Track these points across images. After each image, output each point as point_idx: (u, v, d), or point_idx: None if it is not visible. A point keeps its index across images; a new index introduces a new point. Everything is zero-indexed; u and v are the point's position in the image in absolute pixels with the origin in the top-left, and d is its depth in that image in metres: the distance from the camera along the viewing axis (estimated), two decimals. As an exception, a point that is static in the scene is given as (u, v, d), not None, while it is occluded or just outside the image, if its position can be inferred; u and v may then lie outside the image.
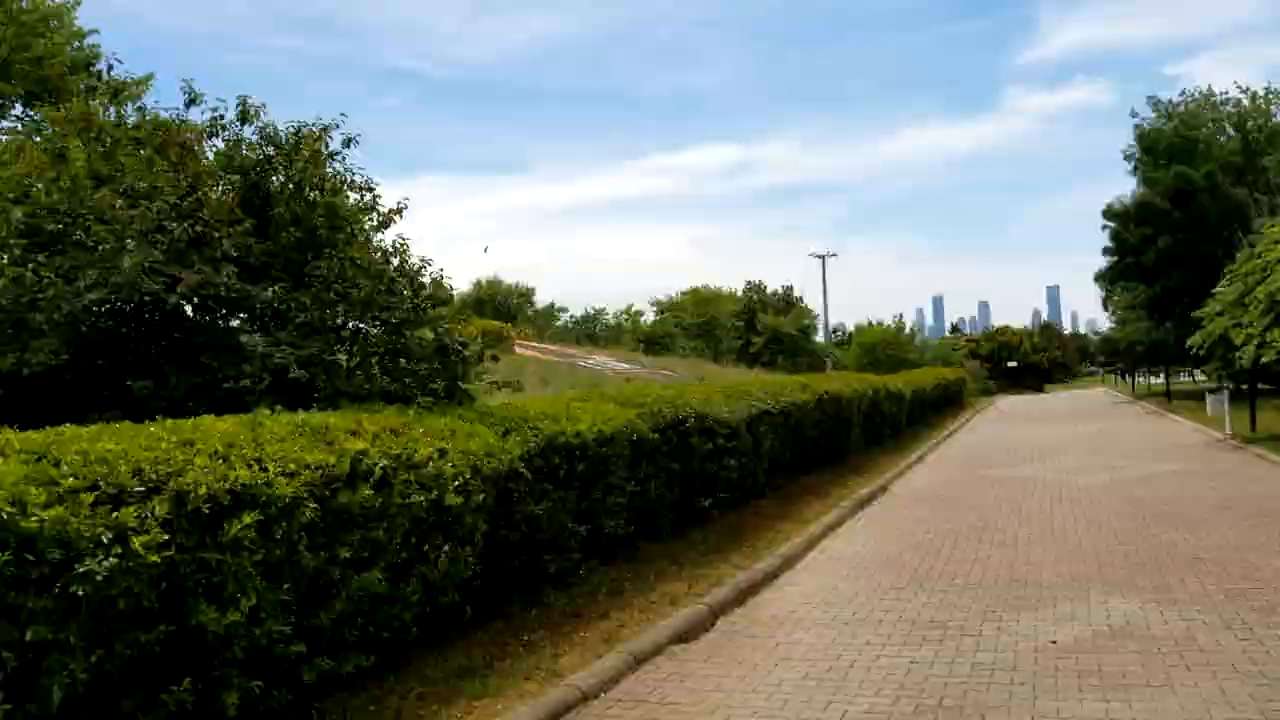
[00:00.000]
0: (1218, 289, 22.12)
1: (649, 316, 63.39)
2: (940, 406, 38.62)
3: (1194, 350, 21.24)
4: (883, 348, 52.43)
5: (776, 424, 14.63)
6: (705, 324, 57.26)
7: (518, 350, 36.03)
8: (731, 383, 17.31)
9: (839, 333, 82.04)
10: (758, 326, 59.20)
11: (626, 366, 38.42)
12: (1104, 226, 39.18)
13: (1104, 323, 71.28)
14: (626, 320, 61.63)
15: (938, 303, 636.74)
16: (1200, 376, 68.88)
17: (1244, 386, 20.57)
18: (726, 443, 12.18)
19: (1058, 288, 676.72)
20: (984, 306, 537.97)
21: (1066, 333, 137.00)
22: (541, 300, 70.71)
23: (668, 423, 10.48)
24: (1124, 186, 39.54)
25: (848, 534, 12.16)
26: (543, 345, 43.21)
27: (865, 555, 10.62)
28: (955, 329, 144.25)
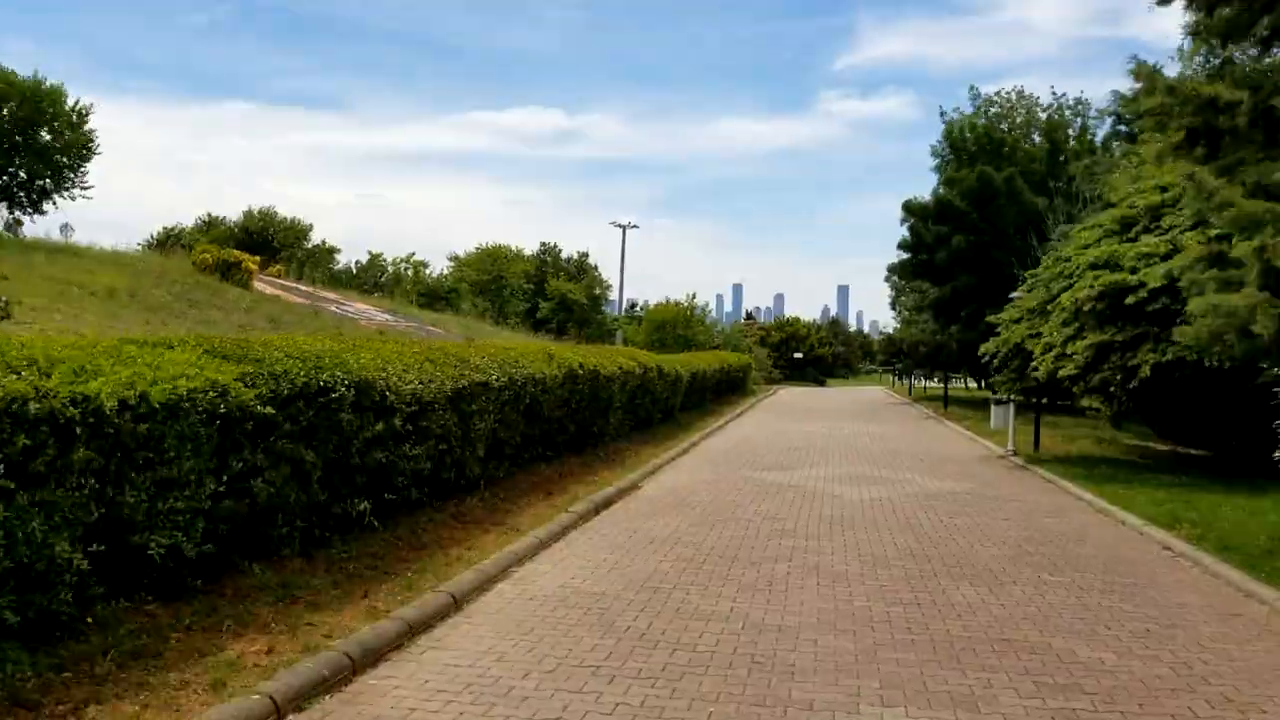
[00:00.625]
0: (1016, 294, 20.66)
1: (437, 270, 59.14)
2: (722, 392, 36.78)
3: (986, 358, 19.64)
4: (672, 326, 50.45)
5: (503, 401, 11.50)
6: (491, 283, 53.54)
7: (256, 285, 31.37)
8: (470, 347, 14.04)
9: (637, 308, 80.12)
10: (547, 291, 55.97)
11: (388, 318, 34.41)
12: (903, 220, 38.38)
13: (889, 324, 72.51)
14: (408, 270, 56.99)
15: (738, 290, 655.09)
16: (973, 384, 71.16)
17: (1033, 399, 19.17)
18: (409, 424, 8.91)
19: (848, 287, 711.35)
20: (780, 298, 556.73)
21: (852, 330, 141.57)
22: (343, 245, 64.82)
23: (296, 391, 7.09)
24: (924, 193, 38.71)
25: (560, 555, 9.16)
26: (294, 284, 38.38)
27: (568, 595, 7.63)
28: (750, 316, 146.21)
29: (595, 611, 7.18)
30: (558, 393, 13.75)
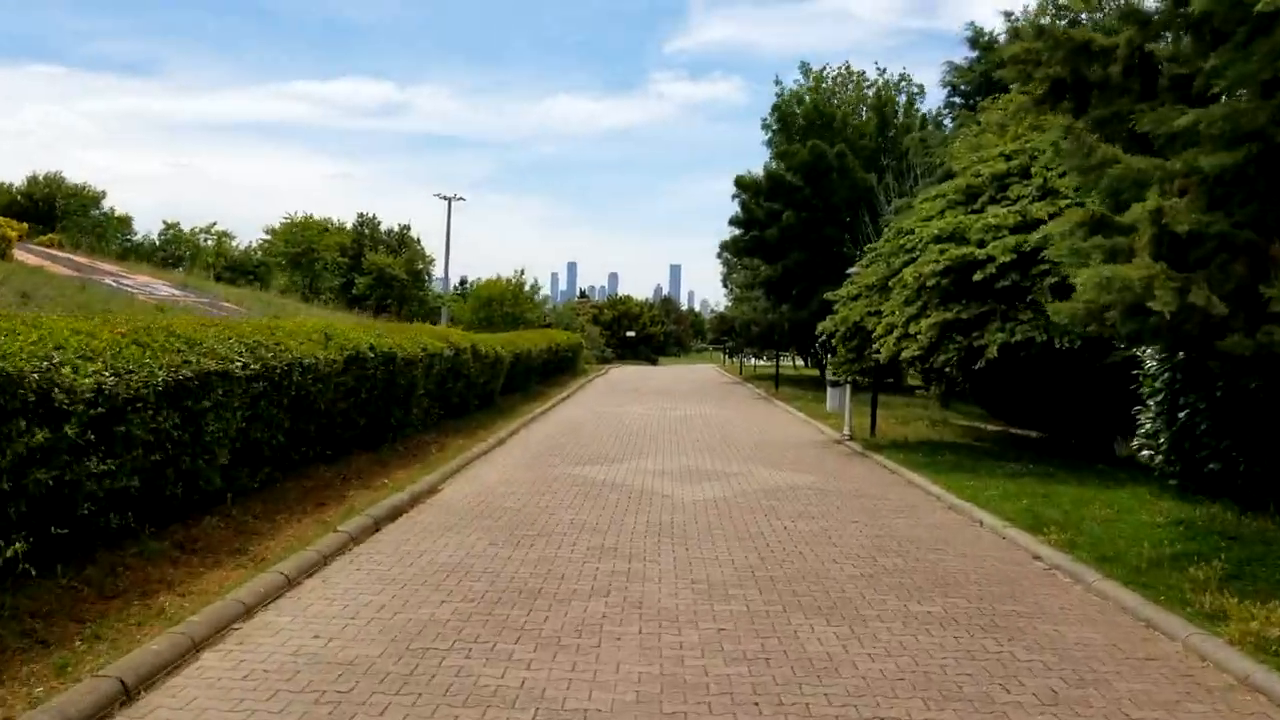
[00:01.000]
0: (854, 269, 19.53)
1: (244, 241, 54.37)
2: (551, 373, 34.84)
3: (823, 337, 18.42)
4: (500, 304, 48.05)
5: (255, 393, 9.20)
6: (302, 255, 49.56)
7: (18, 255, 27.28)
8: (261, 325, 11.54)
9: (469, 285, 76.94)
10: (364, 265, 52.33)
11: (175, 293, 30.72)
12: (735, 196, 37.27)
13: (721, 303, 72.23)
14: (208, 242, 52.18)
15: (572, 269, 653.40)
16: (800, 363, 71.78)
17: (867, 380, 18.09)
18: (94, 430, 6.57)
19: (680, 267, 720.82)
20: (614, 277, 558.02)
21: (685, 309, 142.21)
22: (156, 217, 58.65)
23: None
24: (756, 171, 37.70)
25: (310, 598, 7.03)
26: (70, 255, 34.00)
27: (300, 670, 5.58)
28: (584, 295, 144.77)
29: (330, 700, 5.12)
30: (339, 380, 11.47)
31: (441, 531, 9.42)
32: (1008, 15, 10.50)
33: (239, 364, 8.76)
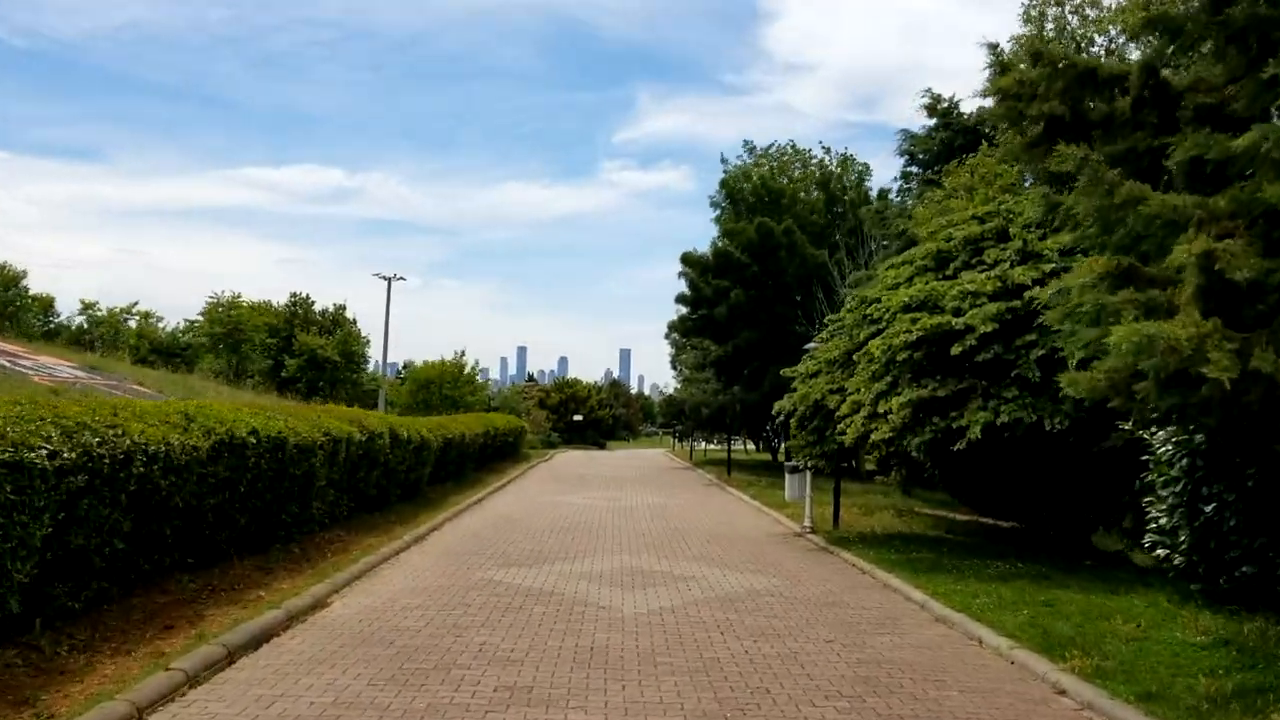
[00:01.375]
0: (812, 344, 17.98)
1: (171, 323, 51.75)
2: (489, 459, 32.75)
3: (781, 417, 16.74)
4: (439, 386, 45.98)
5: (74, 489, 7.22)
6: (228, 336, 47.11)
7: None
8: (161, 409, 9.53)
9: (409, 369, 74.62)
10: (295, 347, 49.92)
11: (80, 374, 28.33)
12: (681, 274, 35.95)
13: (670, 384, 70.79)
14: (132, 323, 49.45)
15: (522, 353, 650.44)
16: (751, 447, 70.16)
17: (831, 466, 16.38)
18: None
19: (630, 351, 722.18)
20: (564, 361, 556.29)
21: (634, 392, 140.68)
22: (99, 300, 55.68)
23: None
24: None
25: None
26: (-36, 335, 31.49)
27: None
28: (532, 378, 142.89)
29: None
30: (206, 471, 9.47)
31: (312, 666, 7.40)
32: (993, 48, 9.12)
33: (42, 452, 6.78)
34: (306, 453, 12.20)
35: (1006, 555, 13.74)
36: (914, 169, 28.46)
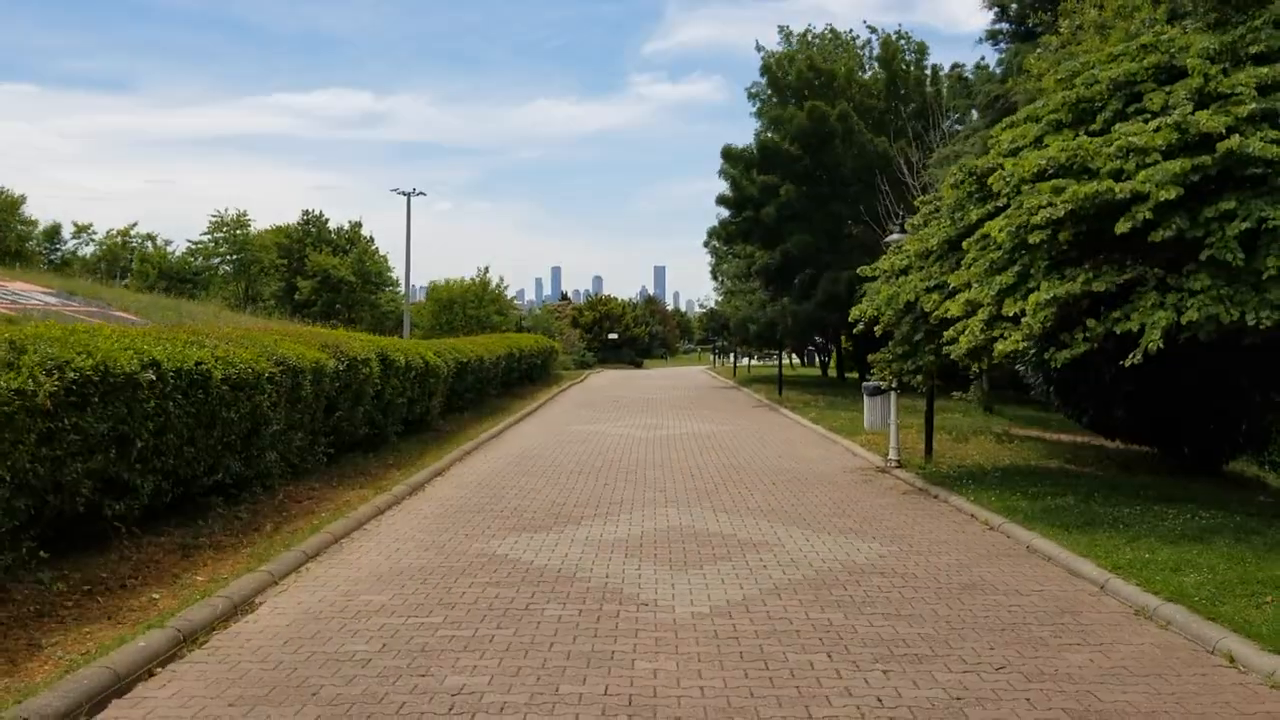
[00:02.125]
0: (894, 235, 14.65)
1: (179, 247, 48.86)
2: (514, 383, 29.92)
3: (859, 327, 13.52)
4: (462, 306, 43.00)
5: None
6: (241, 261, 44.27)
7: None
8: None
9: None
10: (308, 268, 46.91)
11: (52, 301, 25.67)
12: (722, 172, 32.22)
13: (709, 298, 67.41)
14: (128, 244, 46.65)
15: (556, 273, 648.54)
16: (795, 360, 66.85)
17: (918, 385, 13.16)
18: None
19: (664, 268, 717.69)
20: (598, 280, 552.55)
21: (670, 309, 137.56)
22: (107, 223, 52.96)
23: None
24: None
25: None
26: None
27: None
28: (565, 298, 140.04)
29: None
30: (51, 426, 6.50)
31: (169, 749, 4.48)
32: None
33: None
34: (246, 389, 9.22)
35: (1173, 497, 10.60)
36: (1004, 25, 24.29)
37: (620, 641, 5.99)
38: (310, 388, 11.04)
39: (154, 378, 7.60)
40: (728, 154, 32.05)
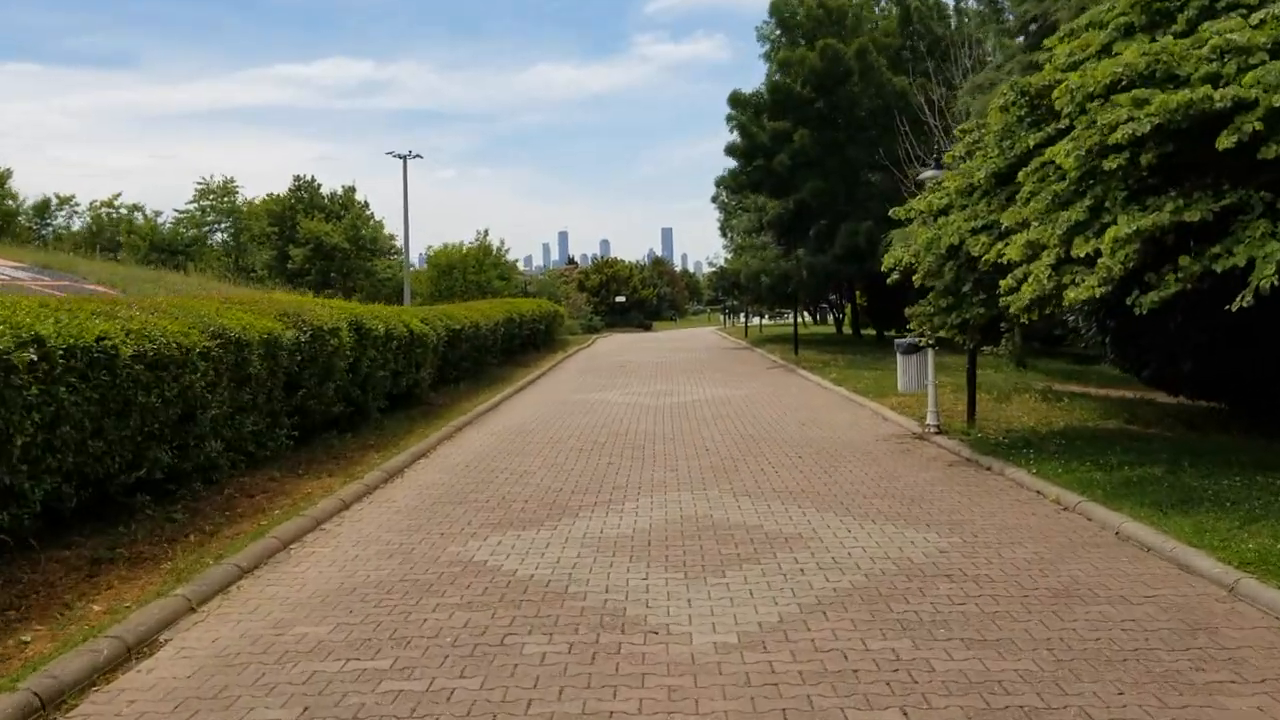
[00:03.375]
0: (929, 172, 13.04)
1: (168, 217, 47.28)
2: (516, 350, 28.44)
3: (894, 276, 11.95)
4: (462, 271, 41.44)
5: None
6: (232, 230, 42.69)
7: None
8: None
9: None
10: (299, 235, 45.12)
11: (21, 275, 24.25)
12: (730, 120, 30.42)
13: (719, 256, 65.67)
14: (101, 215, 44.94)
15: (563, 238, 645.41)
16: (805, 318, 65.09)
17: (967, 342, 11.58)
18: None
19: (671, 230, 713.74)
20: (605, 244, 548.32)
21: (678, 270, 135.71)
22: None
23: None
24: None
25: None
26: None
27: None
28: (572, 262, 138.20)
29: None
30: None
31: None
32: None
33: None
34: (170, 368, 7.73)
35: (1273, 465, 9.06)
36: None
37: (621, 696, 4.51)
38: (261, 363, 9.55)
39: (34, 358, 6.11)
40: (736, 100, 30.19)
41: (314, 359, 11.15)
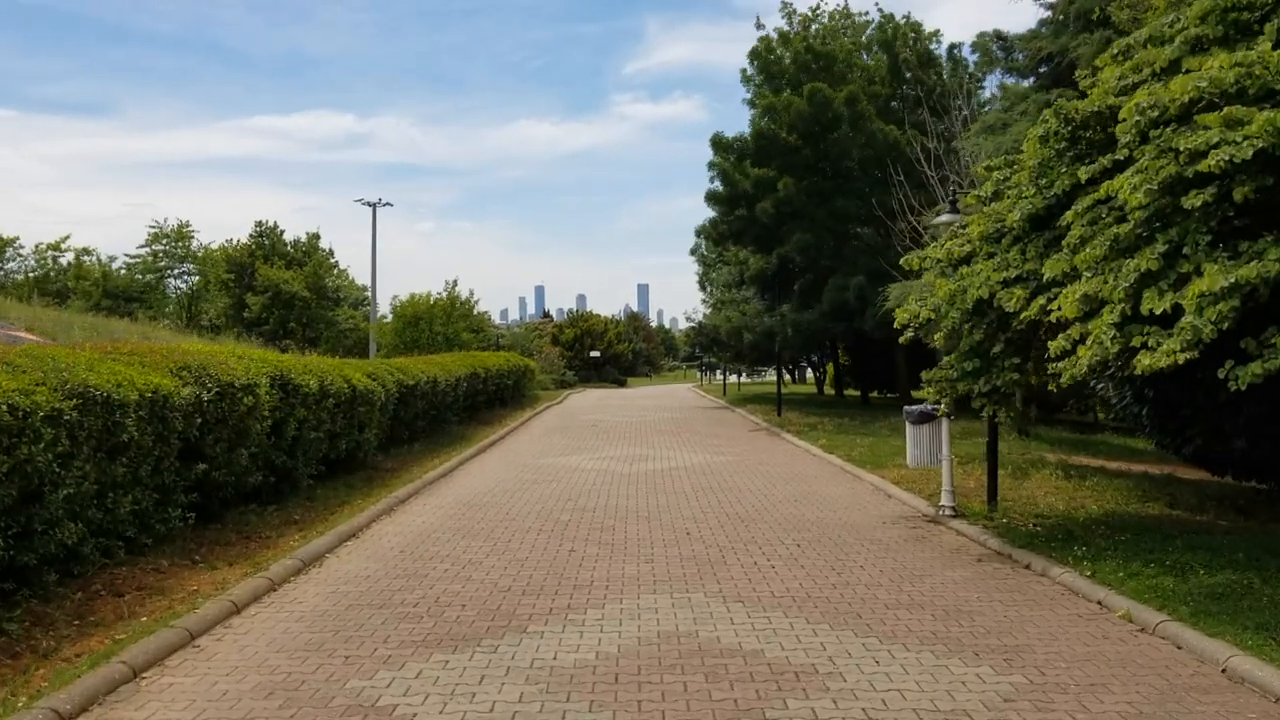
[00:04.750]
0: (944, 217, 11.59)
1: (122, 263, 45.33)
2: (480, 407, 26.69)
3: (907, 334, 10.38)
4: (429, 323, 39.76)
5: None
6: (194, 275, 40.81)
7: None
8: None
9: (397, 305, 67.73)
10: (257, 282, 43.10)
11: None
12: (711, 168, 29.04)
13: (697, 312, 64.31)
14: (54, 260, 42.99)
15: (540, 292, 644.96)
16: (787, 377, 63.60)
17: (995, 412, 9.98)
18: None
19: (648, 286, 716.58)
20: (582, 298, 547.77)
21: (654, 326, 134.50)
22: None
23: None
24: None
25: None
26: None
27: None
28: (547, 315, 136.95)
29: None
30: None
31: None
32: None
33: None
34: (1, 439, 5.99)
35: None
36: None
37: None
38: (142, 428, 7.80)
39: None
40: (718, 143, 28.85)
41: (222, 421, 9.40)
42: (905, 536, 10.04)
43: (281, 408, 11.03)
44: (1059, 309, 7.72)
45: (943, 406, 10.37)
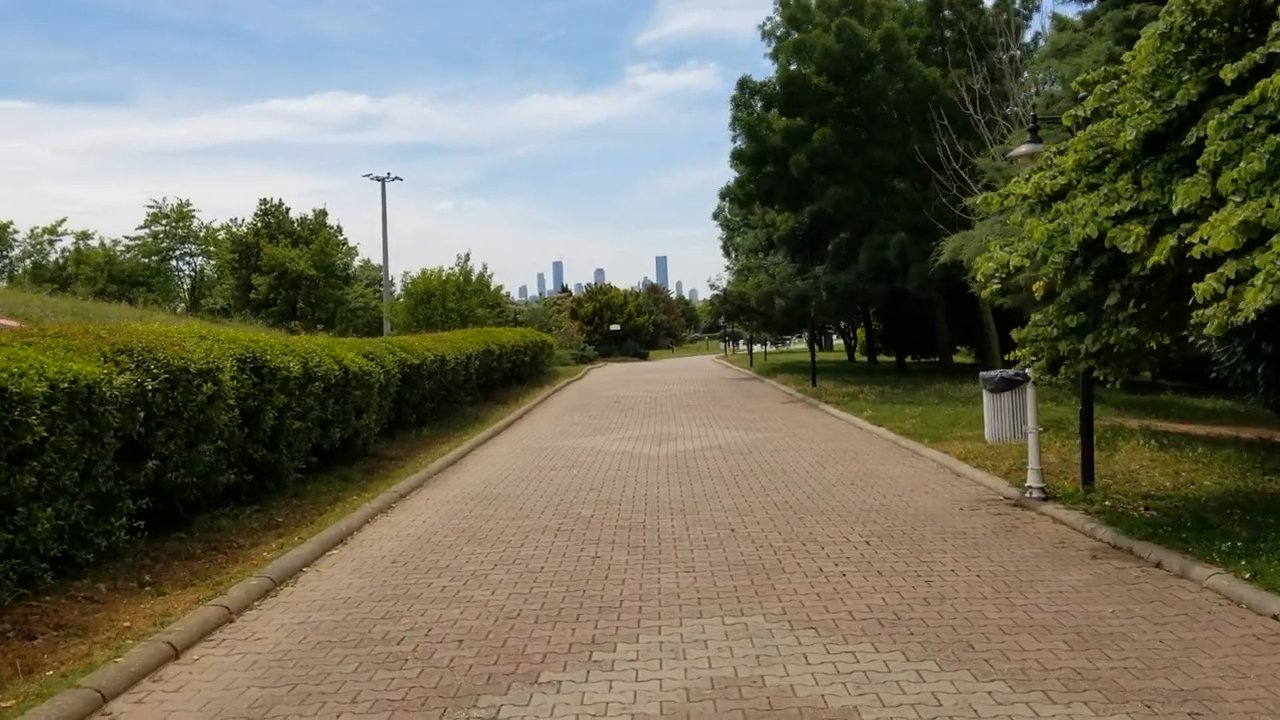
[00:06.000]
0: (1023, 147, 9.92)
1: (123, 246, 44.08)
2: (495, 385, 25.23)
3: (990, 286, 8.75)
4: (441, 299, 38.30)
5: None
6: (190, 256, 39.56)
7: None
8: None
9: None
10: (263, 261, 41.63)
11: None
12: (733, 121, 27.16)
13: (720, 280, 62.61)
14: (50, 244, 41.74)
15: (558, 268, 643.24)
16: (799, 343, 62.00)
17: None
18: None
19: (666, 258, 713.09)
20: (600, 272, 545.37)
21: (674, 297, 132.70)
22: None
23: None
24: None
25: None
26: None
27: None
28: (565, 290, 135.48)
29: None
30: None
31: None
32: None
33: None
34: None
35: None
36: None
37: None
38: (57, 426, 6.32)
39: None
40: (744, 86, 26.86)
41: (175, 413, 7.93)
42: (993, 526, 8.48)
43: (255, 394, 9.56)
44: (1202, 242, 6.09)
45: (1033, 371, 8.75)
